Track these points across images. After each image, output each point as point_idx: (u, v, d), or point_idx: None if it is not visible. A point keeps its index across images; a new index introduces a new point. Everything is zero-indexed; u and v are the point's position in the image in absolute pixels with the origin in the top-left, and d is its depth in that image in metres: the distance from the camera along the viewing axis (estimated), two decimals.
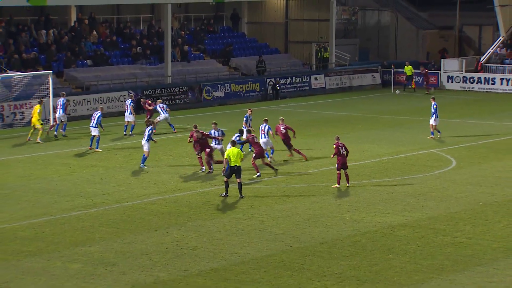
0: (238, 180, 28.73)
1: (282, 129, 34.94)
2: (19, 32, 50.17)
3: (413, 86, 59.09)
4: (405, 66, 59.47)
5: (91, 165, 34.21)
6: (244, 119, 36.62)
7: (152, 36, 55.72)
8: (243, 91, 54.84)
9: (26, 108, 43.62)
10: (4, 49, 48.38)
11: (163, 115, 41.65)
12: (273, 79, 56.16)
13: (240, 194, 28.75)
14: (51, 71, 44.86)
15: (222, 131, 33.50)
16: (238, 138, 32.47)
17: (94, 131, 36.85)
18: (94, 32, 53.46)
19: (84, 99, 47.27)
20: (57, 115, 40.63)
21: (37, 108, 39.41)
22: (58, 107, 40.56)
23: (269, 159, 34.05)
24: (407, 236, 24.33)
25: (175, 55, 54.59)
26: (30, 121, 42.10)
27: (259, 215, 26.69)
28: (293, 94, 57.03)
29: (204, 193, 29.65)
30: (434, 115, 39.89)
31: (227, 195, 28.82)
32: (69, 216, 26.44)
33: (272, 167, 32.18)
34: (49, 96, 42.79)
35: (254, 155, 32.28)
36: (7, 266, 21.30)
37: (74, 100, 46.54)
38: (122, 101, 47.24)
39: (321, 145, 38.14)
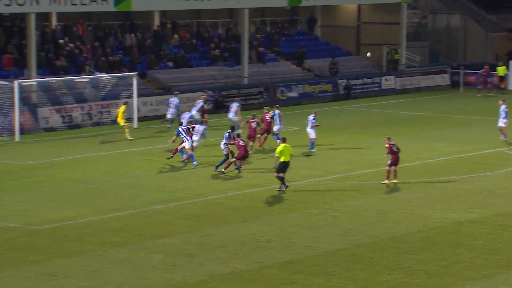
0: (282, 174, 28.79)
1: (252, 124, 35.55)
2: (106, 36, 51.01)
3: (502, 86, 57.98)
4: (498, 67, 58.49)
5: (173, 162, 34.57)
6: (310, 119, 36.48)
7: (230, 39, 56.03)
8: (316, 92, 54.72)
9: (112, 108, 44.33)
10: (92, 52, 49.26)
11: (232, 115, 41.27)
12: (345, 80, 55.93)
13: (282, 186, 28.80)
14: (135, 72, 45.50)
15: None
16: (227, 135, 32.30)
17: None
18: (176, 36, 53.99)
19: (166, 99, 47.76)
20: (168, 114, 41.08)
21: (121, 108, 40.11)
22: (171, 105, 41.18)
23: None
24: (475, 232, 24.00)
25: (251, 57, 54.78)
26: (115, 121, 42.76)
27: (331, 210, 26.64)
28: (364, 94, 56.68)
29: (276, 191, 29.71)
30: (504, 118, 38.87)
31: (287, 186, 28.80)
32: (152, 209, 26.79)
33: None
34: (133, 96, 43.40)
35: (236, 155, 31.74)
36: (95, 256, 21.71)
37: (156, 100, 47.11)
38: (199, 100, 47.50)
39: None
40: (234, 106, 40.90)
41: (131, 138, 39.33)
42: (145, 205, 27.26)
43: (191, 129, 33.72)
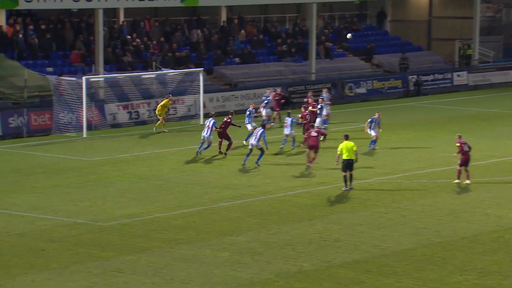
0: (349, 173, 28.56)
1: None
2: (173, 31, 51.44)
3: None
4: None
5: (239, 159, 34.71)
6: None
7: (297, 34, 55.97)
8: (385, 88, 54.31)
9: (179, 104, 44.69)
10: (159, 47, 49.72)
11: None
12: (415, 76, 55.37)
13: (350, 185, 28.74)
14: (202, 68, 45.80)
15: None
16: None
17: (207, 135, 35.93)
18: (243, 31, 54.18)
19: (232, 95, 47.99)
20: (263, 112, 41.04)
21: (164, 102, 40.51)
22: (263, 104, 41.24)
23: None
24: None
25: (319, 52, 54.64)
26: (183, 116, 43.19)
27: (400, 209, 26.42)
28: (435, 90, 56.03)
29: (341, 187, 29.59)
30: None
31: (352, 188, 28.65)
32: (218, 206, 26.95)
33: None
34: (200, 92, 43.69)
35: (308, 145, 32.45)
36: (162, 253, 21.94)
37: (222, 96, 47.34)
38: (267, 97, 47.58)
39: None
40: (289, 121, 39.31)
41: (157, 131, 39.72)
42: (211, 202, 27.43)
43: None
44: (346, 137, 29.19)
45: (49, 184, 29.98)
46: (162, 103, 40.88)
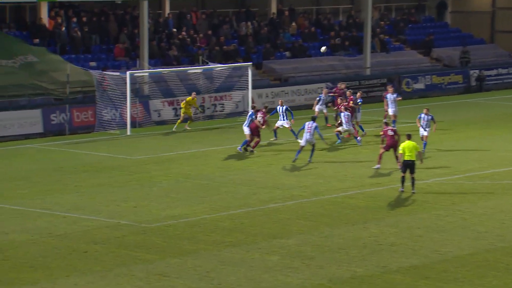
0: (411, 175, 28.24)
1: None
2: (221, 24, 51.59)
3: None
4: None
5: (289, 157, 34.69)
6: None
7: (351, 26, 55.74)
8: (445, 83, 53.84)
9: (226, 100, 44.80)
10: (206, 41, 49.89)
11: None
12: (477, 71, 54.78)
13: (413, 189, 28.35)
14: (251, 62, 45.84)
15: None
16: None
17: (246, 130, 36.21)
18: (293, 24, 54.12)
19: (282, 91, 47.97)
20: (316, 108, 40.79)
21: (188, 99, 40.87)
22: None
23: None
24: None
25: (374, 46, 54.37)
26: (230, 113, 43.30)
27: (461, 212, 26.17)
28: (498, 86, 55.38)
29: (395, 189, 29.38)
30: None
31: (414, 192, 28.35)
32: (267, 208, 26.96)
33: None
34: (248, 88, 43.75)
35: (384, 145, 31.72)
36: (208, 256, 22.01)
37: (272, 92, 47.36)
38: (319, 93, 47.51)
39: None
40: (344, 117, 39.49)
41: (175, 130, 40.18)
42: (260, 203, 27.45)
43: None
44: (409, 137, 28.78)
45: (92, 183, 30.29)
46: (186, 100, 40.98)
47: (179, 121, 41.22)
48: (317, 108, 41.13)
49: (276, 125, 37.78)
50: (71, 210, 26.43)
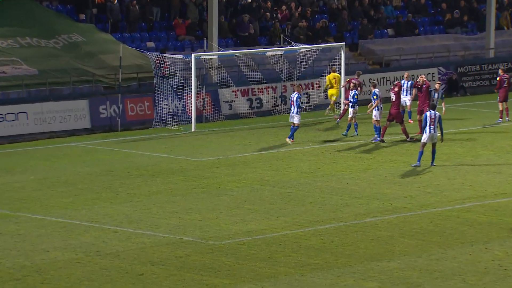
0: None
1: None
2: None
3: None
4: None
5: (390, 160, 34.52)
6: None
7: None
8: None
9: (313, 89, 44.83)
10: (288, 15, 49.94)
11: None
12: None
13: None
14: (344, 43, 45.78)
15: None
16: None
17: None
18: None
19: (383, 77, 47.81)
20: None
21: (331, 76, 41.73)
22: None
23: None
24: None
25: (500, 19, 53.80)
26: (318, 105, 43.32)
27: None
28: None
29: None
30: None
31: None
32: (363, 223, 26.90)
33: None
34: (341, 74, 43.67)
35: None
36: (290, 281, 22.06)
37: (370, 79, 47.19)
38: (432, 80, 47.23)
39: None
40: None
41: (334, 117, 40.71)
42: (355, 217, 27.40)
43: None
44: None
45: (148, 190, 30.61)
46: (331, 77, 41.81)
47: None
48: (407, 101, 40.43)
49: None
50: (123, 224, 26.76)
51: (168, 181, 31.88)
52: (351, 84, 39.74)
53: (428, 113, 33.09)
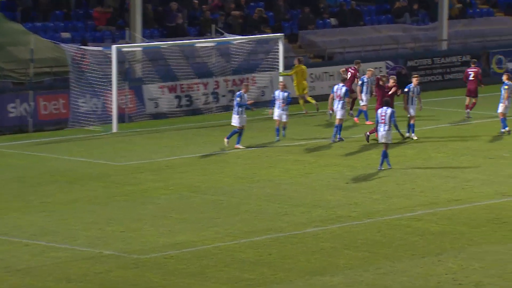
0: None
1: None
2: None
3: None
4: None
5: (334, 164, 34.67)
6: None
7: None
8: None
9: (249, 85, 44.83)
10: (221, 4, 49.91)
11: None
12: None
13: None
14: (282, 34, 45.86)
15: None
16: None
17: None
18: None
19: (325, 72, 47.98)
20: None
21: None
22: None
23: None
24: None
25: (452, 9, 54.23)
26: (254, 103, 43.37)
27: None
28: None
29: (492, 206, 29.34)
30: None
31: None
32: (304, 233, 26.98)
33: None
34: (279, 68, 43.75)
35: None
36: None
37: (312, 73, 47.33)
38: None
39: None
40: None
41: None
42: (294, 227, 27.48)
43: None
44: None
45: (64, 198, 30.45)
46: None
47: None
48: (364, 97, 40.78)
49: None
50: (36, 236, 26.57)
51: (86, 188, 31.74)
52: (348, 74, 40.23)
53: (379, 111, 33.42)
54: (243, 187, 31.80)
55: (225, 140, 36.87)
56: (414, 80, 39.11)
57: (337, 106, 37.97)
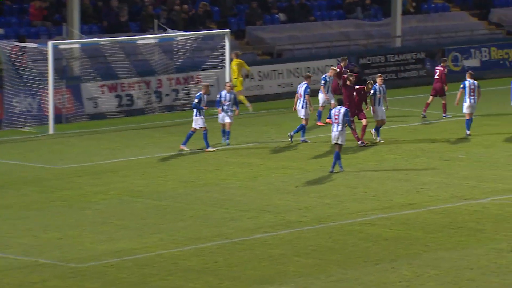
0: None
1: None
2: None
3: None
4: None
5: (283, 167, 34.71)
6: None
7: None
8: (509, 59, 54.05)
9: (193, 83, 44.81)
10: None
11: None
12: None
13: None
14: (228, 30, 45.84)
15: None
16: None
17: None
18: None
19: (274, 70, 48.04)
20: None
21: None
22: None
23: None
24: None
25: (406, 5, 54.48)
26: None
27: None
28: None
29: (448, 210, 29.48)
30: None
31: None
32: (252, 239, 26.99)
33: None
34: (225, 66, 43.73)
35: None
36: None
37: (260, 72, 47.41)
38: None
39: None
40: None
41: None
42: (242, 233, 27.50)
43: None
44: None
45: None
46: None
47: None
48: (321, 96, 40.93)
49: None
50: None
51: (20, 193, 31.57)
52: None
53: (333, 110, 33.56)
54: (188, 191, 31.76)
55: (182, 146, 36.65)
56: (379, 80, 39.20)
57: (299, 105, 37.99)
